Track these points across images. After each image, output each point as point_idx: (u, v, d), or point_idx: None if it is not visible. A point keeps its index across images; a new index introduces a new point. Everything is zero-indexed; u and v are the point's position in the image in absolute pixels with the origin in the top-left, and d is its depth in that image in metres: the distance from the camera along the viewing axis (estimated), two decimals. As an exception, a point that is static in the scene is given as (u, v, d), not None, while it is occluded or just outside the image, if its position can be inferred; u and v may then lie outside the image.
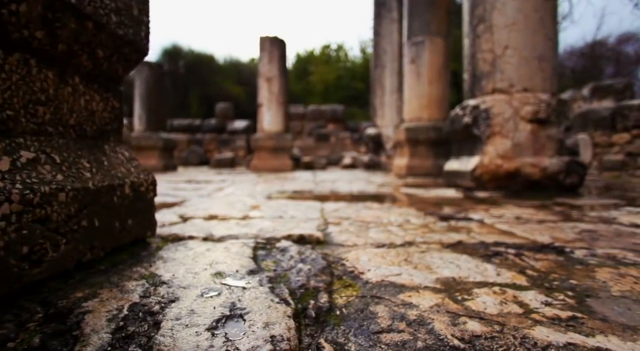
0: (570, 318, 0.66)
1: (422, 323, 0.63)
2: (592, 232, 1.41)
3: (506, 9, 2.97)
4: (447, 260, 1.00)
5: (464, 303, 0.72)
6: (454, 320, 0.64)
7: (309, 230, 1.30)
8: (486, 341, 0.57)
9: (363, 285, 0.81)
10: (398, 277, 0.86)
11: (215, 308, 0.60)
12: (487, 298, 0.74)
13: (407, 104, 5.76)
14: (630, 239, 1.28)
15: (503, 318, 0.65)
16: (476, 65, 3.21)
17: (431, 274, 0.89)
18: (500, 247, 1.19)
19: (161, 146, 7.84)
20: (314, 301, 0.69)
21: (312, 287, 0.77)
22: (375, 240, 1.25)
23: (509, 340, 0.57)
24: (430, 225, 1.58)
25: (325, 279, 0.83)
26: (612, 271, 0.94)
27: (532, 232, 1.41)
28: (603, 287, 0.83)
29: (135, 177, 0.94)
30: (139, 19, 0.95)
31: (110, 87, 0.92)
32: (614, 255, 1.08)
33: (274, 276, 0.81)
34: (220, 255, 0.94)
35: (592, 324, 0.64)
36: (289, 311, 0.62)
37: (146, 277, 0.74)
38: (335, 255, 1.03)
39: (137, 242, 0.97)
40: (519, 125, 2.96)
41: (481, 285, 0.82)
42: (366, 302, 0.72)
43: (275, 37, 7.92)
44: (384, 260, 0.98)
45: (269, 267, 0.89)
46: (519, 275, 0.91)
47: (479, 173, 3.05)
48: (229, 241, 1.13)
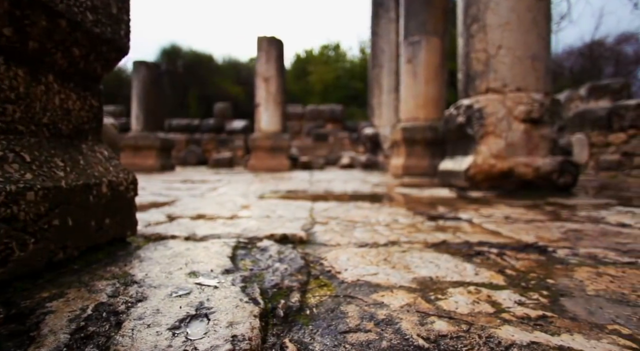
0: (540, 317, 0.66)
1: (390, 322, 0.63)
2: (578, 232, 1.41)
3: (499, 8, 2.97)
4: (427, 259, 1.00)
5: (436, 302, 0.72)
6: (422, 319, 0.64)
7: (293, 230, 1.30)
8: (451, 341, 0.57)
9: (338, 285, 0.81)
10: (374, 277, 0.85)
11: (182, 307, 0.60)
12: (460, 298, 0.74)
13: (404, 104, 5.76)
14: (615, 238, 1.28)
15: (473, 317, 0.65)
16: (470, 64, 3.20)
17: (408, 274, 0.89)
18: (484, 246, 1.19)
19: (158, 146, 7.83)
20: (284, 300, 0.69)
21: (285, 287, 0.77)
22: (359, 239, 1.25)
23: (474, 339, 0.57)
24: (417, 224, 1.58)
25: (301, 278, 0.83)
26: (590, 271, 0.94)
27: (518, 232, 1.41)
28: (579, 286, 0.83)
29: (114, 176, 0.94)
30: (118, 18, 0.94)
31: (88, 86, 0.92)
32: (595, 255, 1.08)
33: (248, 276, 0.81)
34: (199, 255, 0.94)
35: (561, 323, 0.64)
36: (256, 310, 0.61)
37: (118, 277, 0.73)
38: (316, 255, 1.03)
39: (116, 242, 0.97)
40: (512, 124, 2.96)
41: (457, 285, 0.82)
42: (338, 302, 0.72)
43: (272, 37, 7.92)
44: (363, 260, 0.98)
45: (246, 267, 0.88)
46: (497, 274, 0.91)
47: (472, 173, 3.05)
48: (210, 240, 1.13)
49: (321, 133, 12.86)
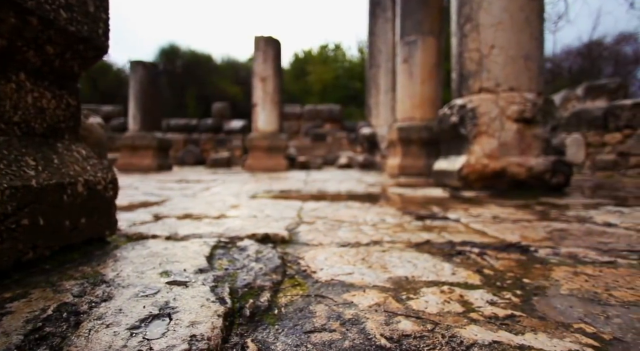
0: (508, 316, 0.66)
1: (355, 322, 0.62)
2: (563, 231, 1.40)
3: (492, 8, 2.97)
4: (405, 259, 1.00)
5: (407, 302, 0.71)
6: (389, 319, 0.63)
7: (276, 229, 1.30)
8: (414, 341, 0.56)
9: (312, 284, 0.81)
10: (349, 276, 0.85)
11: (146, 307, 0.60)
12: (431, 297, 0.74)
13: (400, 104, 5.76)
14: (598, 238, 1.28)
15: (440, 317, 0.65)
16: (463, 64, 3.20)
17: (384, 273, 0.88)
18: (466, 246, 1.19)
19: (155, 146, 7.83)
20: (253, 300, 0.69)
21: (257, 286, 0.77)
22: (342, 239, 1.25)
23: (437, 339, 0.57)
24: (404, 224, 1.57)
25: (275, 278, 0.83)
26: (568, 270, 0.94)
27: (503, 232, 1.41)
28: (554, 286, 0.83)
29: (92, 175, 0.94)
30: (95, 16, 0.94)
31: (64, 85, 0.91)
32: (575, 254, 1.08)
33: (221, 275, 0.80)
34: (176, 254, 0.94)
35: (528, 322, 0.63)
36: (221, 310, 0.61)
37: (88, 276, 0.73)
38: (295, 254, 1.03)
39: (94, 241, 0.97)
40: (505, 124, 2.96)
41: (431, 284, 0.82)
42: (308, 301, 0.72)
43: (269, 36, 7.91)
44: (341, 259, 0.97)
45: (222, 266, 0.88)
46: (474, 274, 0.91)
47: (465, 173, 3.05)
48: (191, 240, 1.12)
49: (319, 133, 12.86)
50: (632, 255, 1.05)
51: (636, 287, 0.81)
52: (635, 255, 1.05)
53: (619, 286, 0.82)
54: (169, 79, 16.64)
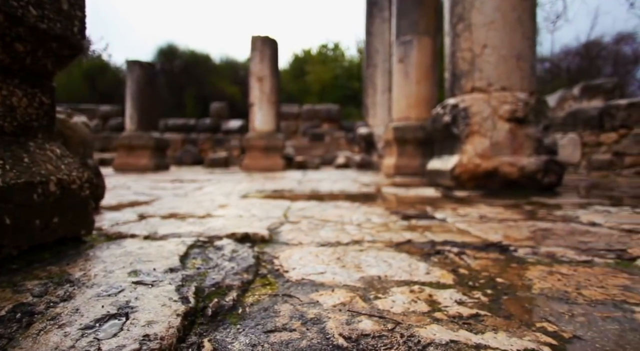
0: (473, 316, 0.65)
1: (317, 322, 0.62)
2: (547, 231, 1.40)
3: (484, 7, 2.97)
4: (381, 258, 1.00)
5: (373, 302, 0.71)
6: (351, 319, 0.63)
7: (257, 229, 1.29)
8: (372, 340, 0.56)
9: (282, 284, 0.81)
10: (320, 276, 0.85)
11: (104, 306, 0.59)
12: (399, 297, 0.73)
13: (396, 104, 5.76)
14: (580, 237, 1.27)
15: (404, 316, 0.64)
16: (456, 63, 3.20)
17: (357, 273, 0.88)
18: (447, 245, 1.18)
19: (152, 145, 7.82)
20: (218, 299, 0.68)
21: (225, 285, 0.76)
22: (323, 238, 1.24)
23: (395, 338, 0.56)
24: (389, 224, 1.57)
25: (246, 277, 0.83)
26: (543, 269, 0.93)
27: (487, 231, 1.40)
28: (526, 285, 0.83)
29: (66, 174, 0.93)
30: (69, 14, 0.94)
31: (37, 83, 0.91)
32: (554, 253, 1.07)
33: (191, 275, 0.80)
34: (150, 254, 0.93)
35: (492, 321, 0.63)
36: (181, 309, 0.61)
37: (54, 276, 0.73)
38: (271, 254, 1.02)
39: (68, 240, 0.96)
40: (497, 124, 2.95)
41: (402, 284, 0.82)
42: (275, 301, 0.71)
43: (266, 36, 7.91)
44: (316, 259, 0.97)
45: (194, 265, 0.88)
46: (448, 273, 0.90)
47: (457, 173, 3.04)
48: (169, 239, 1.12)
49: (317, 133, 12.85)
50: (610, 255, 1.05)
51: (607, 286, 0.81)
52: (612, 254, 1.05)
53: (590, 285, 0.82)
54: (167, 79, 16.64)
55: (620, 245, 1.14)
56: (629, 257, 1.01)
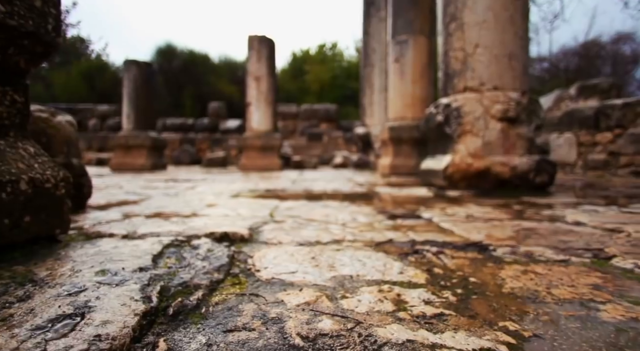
0: (437, 315, 0.65)
1: (277, 321, 0.62)
2: (530, 230, 1.40)
3: (476, 7, 2.96)
4: (357, 258, 0.99)
5: (339, 301, 0.71)
6: (312, 318, 0.63)
7: (238, 228, 1.29)
8: (329, 340, 0.56)
9: (252, 283, 0.80)
10: (291, 275, 0.84)
11: (61, 307, 0.59)
12: (366, 297, 0.73)
13: (392, 103, 5.75)
14: (562, 237, 1.27)
15: (367, 316, 0.64)
16: (449, 63, 3.19)
17: (330, 272, 0.88)
18: (427, 245, 1.18)
19: (149, 145, 7.81)
20: (182, 299, 0.68)
21: (193, 285, 0.76)
22: (304, 238, 1.24)
23: (352, 338, 0.56)
24: (374, 223, 1.57)
25: (216, 277, 0.82)
26: (518, 269, 0.93)
27: (470, 231, 1.40)
28: (498, 284, 0.82)
29: (39, 173, 0.93)
30: (43, 11, 0.93)
31: (9, 81, 0.90)
32: (532, 253, 1.07)
33: (160, 274, 0.80)
34: (123, 253, 0.93)
35: (455, 321, 0.63)
36: (141, 309, 0.60)
37: (18, 276, 0.73)
38: (247, 253, 1.02)
39: (42, 240, 0.96)
40: (489, 123, 2.95)
41: (373, 283, 0.81)
42: (240, 300, 0.71)
43: (263, 36, 7.90)
44: (291, 258, 0.97)
45: (166, 264, 0.87)
46: (422, 273, 0.90)
47: (450, 172, 3.04)
48: (147, 239, 1.12)
49: (315, 133, 12.85)
50: (587, 254, 1.04)
51: (577, 285, 0.80)
52: (589, 253, 1.05)
53: (561, 284, 0.81)
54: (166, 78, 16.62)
55: (599, 244, 1.13)
56: (605, 256, 1.01)
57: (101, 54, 21.22)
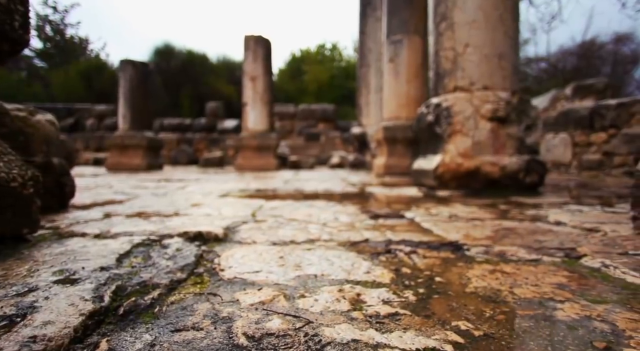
0: (390, 315, 0.64)
1: (227, 320, 0.61)
2: (509, 230, 1.39)
3: (466, 6, 2.96)
4: (326, 257, 0.99)
5: (296, 300, 0.70)
6: (263, 317, 0.62)
7: (214, 228, 1.28)
8: (275, 340, 0.55)
9: (213, 282, 0.80)
10: (254, 275, 0.84)
11: (3, 307, 0.58)
12: (325, 296, 0.72)
13: (386, 103, 5.75)
14: (540, 236, 1.27)
15: (319, 316, 0.64)
16: (439, 63, 3.19)
17: (295, 271, 0.87)
18: (401, 245, 1.17)
19: (145, 145, 7.80)
20: (136, 298, 0.68)
21: (152, 284, 0.75)
22: (279, 237, 1.23)
23: (297, 338, 0.55)
24: (356, 223, 1.56)
25: (179, 276, 0.82)
26: (487, 268, 0.92)
27: (449, 230, 1.40)
28: (463, 284, 0.82)
29: (4, 172, 0.92)
30: (8, 8, 0.93)
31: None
32: (505, 252, 1.06)
33: (120, 273, 0.79)
34: (89, 252, 0.92)
35: (408, 321, 0.62)
36: (87, 309, 0.60)
37: (-27, 274, 0.72)
38: (217, 252, 1.02)
39: (8, 239, 0.95)
40: (479, 123, 2.94)
41: (335, 283, 0.81)
42: (197, 299, 0.70)
43: (259, 36, 7.89)
44: (259, 258, 0.96)
45: (130, 264, 0.87)
46: (389, 272, 0.89)
47: (440, 172, 3.03)
48: (119, 238, 1.11)
49: (313, 133, 12.84)
50: (559, 253, 1.04)
51: (542, 284, 0.80)
52: (561, 252, 1.04)
53: (526, 283, 0.81)
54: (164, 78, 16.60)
55: (573, 243, 1.13)
56: (576, 256, 1.00)
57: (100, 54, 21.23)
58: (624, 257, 0.93)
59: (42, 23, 20.00)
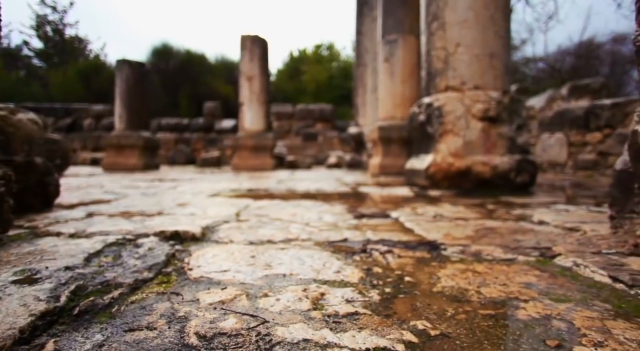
0: (350, 314, 0.64)
1: (183, 320, 0.61)
2: (490, 230, 1.39)
3: (457, 6, 2.95)
4: (299, 257, 0.98)
5: (258, 300, 0.70)
6: (220, 317, 0.62)
7: (193, 227, 1.28)
8: (226, 339, 0.55)
9: (180, 282, 0.79)
10: (222, 274, 0.83)
11: (-45, 305, 0.58)
12: (288, 295, 0.72)
13: (382, 103, 5.74)
14: (520, 236, 1.26)
15: (277, 315, 0.63)
16: (431, 62, 3.18)
17: (264, 271, 0.87)
18: (379, 244, 1.17)
19: (141, 145, 7.79)
20: (94, 298, 0.67)
21: (115, 284, 0.75)
22: (257, 237, 1.23)
23: (249, 337, 0.55)
24: (339, 223, 1.56)
25: (145, 275, 0.81)
26: (459, 268, 0.92)
27: (430, 230, 1.39)
28: (431, 283, 0.81)
29: (-26, 172, 0.92)
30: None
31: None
32: (480, 252, 1.06)
33: (85, 273, 0.78)
34: (58, 252, 0.92)
35: (366, 320, 0.62)
36: (40, 309, 0.59)
37: None
38: (190, 251, 1.01)
39: (-22, 238, 0.95)
40: (470, 123, 2.94)
41: (302, 283, 0.80)
42: (159, 299, 0.70)
43: (256, 35, 7.88)
44: (230, 257, 0.95)
45: (98, 263, 0.86)
46: (359, 272, 0.89)
47: (432, 172, 3.03)
48: (94, 237, 1.11)
49: (310, 133, 12.84)
50: (534, 252, 1.03)
51: (510, 284, 0.79)
52: (537, 252, 1.04)
53: (494, 283, 0.80)
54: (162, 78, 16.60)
55: (549, 243, 1.12)
56: (551, 255, 1.00)
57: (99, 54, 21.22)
58: (597, 256, 0.93)
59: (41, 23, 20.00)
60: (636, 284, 0.71)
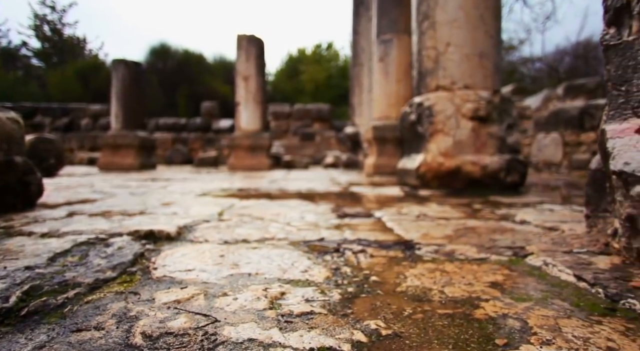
0: (304, 314, 0.63)
1: (132, 319, 0.60)
2: (470, 229, 1.38)
3: (448, 5, 2.94)
4: (268, 256, 0.97)
5: (215, 299, 0.69)
6: (171, 316, 0.61)
7: (170, 226, 1.27)
8: (172, 339, 0.54)
9: (142, 281, 0.78)
10: (186, 273, 0.82)
11: None
12: (246, 295, 0.71)
13: (376, 103, 5.74)
14: (497, 235, 1.25)
15: (230, 314, 0.62)
16: (422, 62, 3.18)
17: (230, 270, 0.86)
18: (354, 244, 1.16)
19: (137, 144, 7.78)
20: (47, 298, 0.66)
21: (73, 283, 0.74)
22: (233, 236, 1.22)
23: (195, 337, 0.54)
24: (320, 222, 1.55)
25: (108, 275, 0.80)
26: (429, 267, 0.91)
27: (410, 230, 1.38)
28: (397, 283, 0.80)
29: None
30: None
31: None
32: (454, 251, 1.05)
33: (44, 273, 0.78)
34: (24, 251, 0.91)
35: (319, 320, 0.61)
36: (-12, 307, 0.58)
37: None
38: (161, 251, 1.00)
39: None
40: (460, 122, 2.93)
41: (265, 282, 0.79)
42: (115, 298, 0.69)
43: (252, 35, 7.87)
44: (199, 256, 0.95)
45: (62, 263, 0.85)
46: (327, 271, 0.88)
47: (422, 172, 3.02)
48: (65, 237, 1.10)
49: (308, 133, 12.83)
50: (508, 252, 1.02)
51: (476, 283, 0.79)
52: (510, 251, 1.03)
53: (460, 282, 0.79)
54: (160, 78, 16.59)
55: (524, 242, 1.12)
56: (523, 254, 0.99)
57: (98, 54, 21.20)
58: (567, 255, 0.92)
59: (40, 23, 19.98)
60: (597, 282, 0.71)
